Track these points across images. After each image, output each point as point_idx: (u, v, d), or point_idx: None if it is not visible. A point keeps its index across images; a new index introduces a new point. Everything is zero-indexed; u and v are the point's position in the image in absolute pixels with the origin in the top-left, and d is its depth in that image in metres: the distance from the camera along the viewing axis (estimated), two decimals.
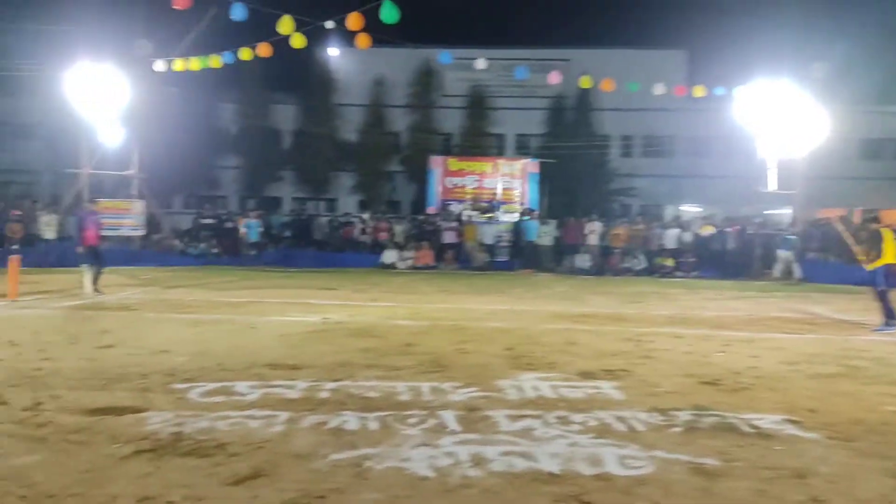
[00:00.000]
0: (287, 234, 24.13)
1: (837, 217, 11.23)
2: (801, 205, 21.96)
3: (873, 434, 5.00)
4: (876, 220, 11.50)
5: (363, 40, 15.97)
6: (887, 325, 10.26)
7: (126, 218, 21.48)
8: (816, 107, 20.16)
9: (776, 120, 20.34)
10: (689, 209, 31.69)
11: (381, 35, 16.33)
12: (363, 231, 23.25)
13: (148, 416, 5.03)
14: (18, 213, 20.30)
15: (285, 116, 32.76)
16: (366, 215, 24.95)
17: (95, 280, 13.00)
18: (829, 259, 21.10)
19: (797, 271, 19.79)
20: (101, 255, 13.60)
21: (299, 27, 15.70)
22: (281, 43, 16.39)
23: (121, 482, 3.83)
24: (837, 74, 23.72)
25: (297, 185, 33.31)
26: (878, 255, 10.55)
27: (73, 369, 6.50)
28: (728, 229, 21.16)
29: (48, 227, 20.89)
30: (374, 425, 4.96)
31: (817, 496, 3.83)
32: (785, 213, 25.38)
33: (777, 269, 20.00)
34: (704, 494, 3.83)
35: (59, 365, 6.68)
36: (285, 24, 15.49)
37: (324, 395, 5.76)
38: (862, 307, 13.39)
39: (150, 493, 3.69)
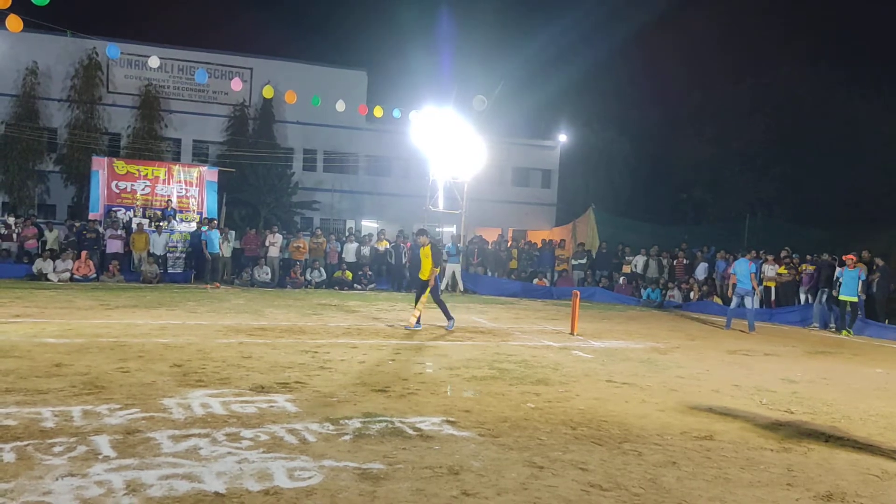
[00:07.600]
0: None
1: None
2: (465, 224, 24.19)
3: (516, 429, 5.62)
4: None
5: (14, 22, 14.11)
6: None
7: None
8: (477, 136, 22.42)
9: (444, 144, 22.17)
10: (369, 224, 33.12)
11: (37, 19, 14.53)
12: (7, 237, 20.15)
13: None
14: None
15: None
16: (11, 219, 21.70)
17: None
18: (487, 273, 23.55)
19: (461, 284, 21.75)
20: None
21: None
22: None
23: None
24: (495, 109, 26.68)
25: None
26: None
27: None
28: (402, 244, 22.43)
29: None
30: (9, 457, 4.30)
31: (468, 490, 4.17)
32: (451, 230, 27.78)
33: (443, 282, 21.74)
34: (369, 498, 3.95)
35: None
36: None
37: None
38: (513, 316, 15.16)
39: None
